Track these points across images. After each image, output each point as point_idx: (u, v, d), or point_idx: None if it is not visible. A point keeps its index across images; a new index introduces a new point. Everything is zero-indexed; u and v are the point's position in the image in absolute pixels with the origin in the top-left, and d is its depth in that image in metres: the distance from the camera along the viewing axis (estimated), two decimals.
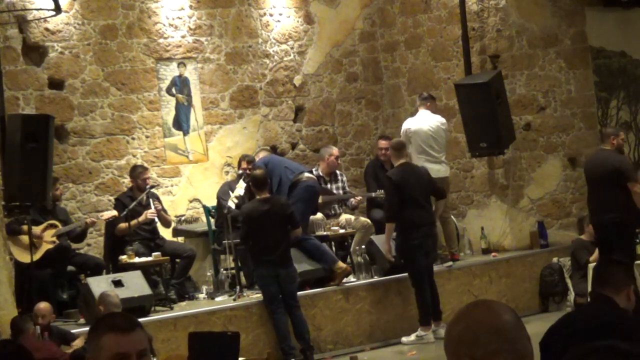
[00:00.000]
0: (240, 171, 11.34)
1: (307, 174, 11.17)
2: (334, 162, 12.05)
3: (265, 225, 9.99)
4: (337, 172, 12.35)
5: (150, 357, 3.03)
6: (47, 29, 11.54)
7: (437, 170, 11.62)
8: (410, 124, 11.75)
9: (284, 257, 10.08)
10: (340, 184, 12.21)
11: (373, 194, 11.89)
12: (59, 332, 8.99)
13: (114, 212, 10.74)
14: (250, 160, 11.46)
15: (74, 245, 10.90)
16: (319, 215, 11.60)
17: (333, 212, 12.08)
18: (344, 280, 10.84)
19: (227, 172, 12.44)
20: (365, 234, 11.55)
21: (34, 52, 11.51)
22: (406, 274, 10.69)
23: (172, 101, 12.33)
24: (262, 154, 11.62)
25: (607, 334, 3.91)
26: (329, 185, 12.07)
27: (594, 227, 10.64)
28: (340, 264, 10.78)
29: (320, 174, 11.96)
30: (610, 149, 10.52)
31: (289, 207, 10.25)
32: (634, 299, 4.65)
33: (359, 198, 12.10)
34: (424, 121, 11.73)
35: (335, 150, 12.18)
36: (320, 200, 11.65)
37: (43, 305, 8.87)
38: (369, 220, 11.71)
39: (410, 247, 10.38)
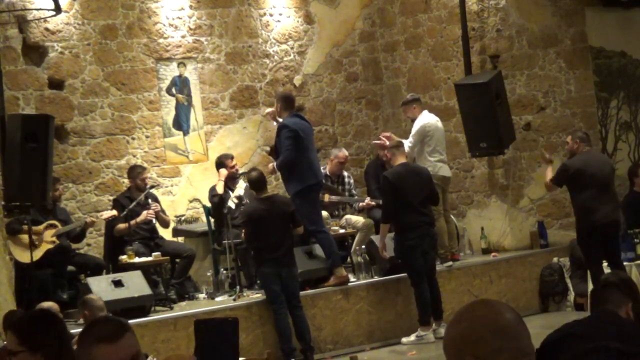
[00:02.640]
0: (240, 171, 11.34)
1: None
2: (336, 164, 12.06)
3: (267, 224, 9.98)
4: (345, 173, 12.36)
5: (143, 357, 3.01)
6: (47, 29, 11.54)
7: (447, 170, 11.66)
8: (427, 120, 11.53)
9: (287, 256, 10.08)
10: (346, 187, 12.21)
11: (381, 202, 11.82)
12: None
13: (114, 212, 10.73)
14: (232, 156, 11.48)
15: (73, 245, 10.90)
16: (325, 213, 11.59)
17: (337, 212, 12.09)
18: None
19: None
20: (368, 233, 11.56)
21: (34, 52, 11.52)
22: (406, 274, 10.70)
23: (172, 101, 12.33)
24: (286, 108, 10.74)
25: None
26: (335, 186, 12.07)
27: (601, 226, 10.40)
28: (342, 271, 10.76)
29: (327, 173, 11.99)
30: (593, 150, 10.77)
31: (290, 205, 10.24)
32: (632, 316, 4.69)
33: (364, 203, 12.06)
34: (436, 123, 11.67)
35: (341, 154, 12.14)
36: (327, 198, 11.66)
37: (55, 308, 8.76)
38: (371, 220, 11.70)
39: (406, 248, 10.39)
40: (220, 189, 11.08)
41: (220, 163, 11.49)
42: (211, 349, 5.40)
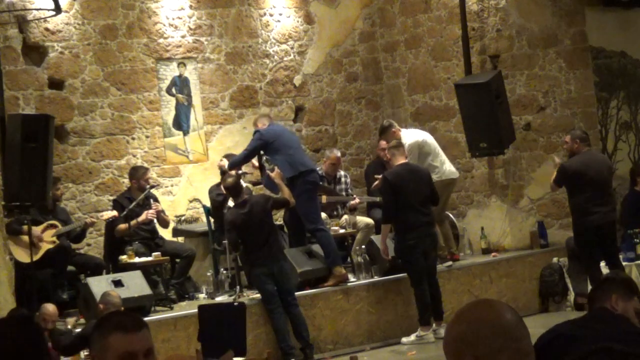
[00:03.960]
0: (240, 171, 11.33)
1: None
2: (329, 165, 12.03)
3: (250, 227, 10.07)
4: (342, 172, 12.34)
5: (156, 356, 3.02)
6: (47, 29, 11.54)
7: (453, 171, 11.69)
8: (415, 137, 11.49)
9: (275, 253, 10.14)
10: (343, 186, 12.19)
11: (377, 199, 11.82)
12: (58, 332, 8.98)
13: (114, 213, 10.73)
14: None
15: (73, 246, 10.89)
16: (324, 214, 11.58)
17: (336, 213, 12.08)
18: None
19: None
20: (368, 233, 11.56)
21: (34, 52, 11.51)
22: (406, 274, 10.70)
23: (172, 101, 12.33)
24: (263, 122, 11.16)
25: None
26: (331, 186, 12.06)
27: (598, 228, 10.42)
28: (341, 269, 10.75)
29: (323, 174, 11.98)
30: (591, 150, 10.83)
31: (268, 201, 10.34)
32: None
33: (357, 200, 12.04)
34: (420, 133, 11.71)
35: (333, 155, 12.10)
36: (324, 200, 11.65)
37: (52, 309, 8.79)
38: (371, 220, 11.69)
39: (406, 248, 10.39)
40: (232, 204, 11.04)
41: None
42: (216, 334, 5.34)
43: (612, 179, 10.77)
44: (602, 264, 10.58)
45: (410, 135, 11.51)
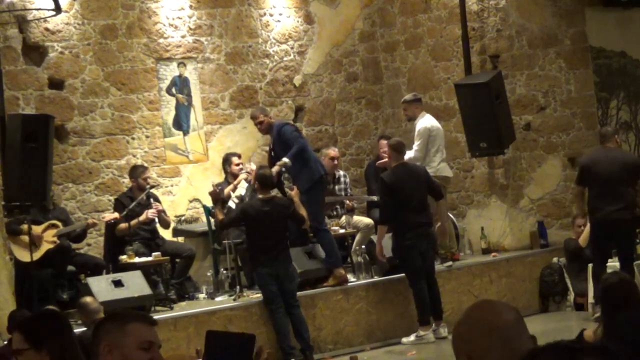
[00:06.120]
0: (244, 172, 11.33)
1: None
2: (328, 162, 12.01)
3: (264, 225, 10.01)
4: (341, 172, 12.34)
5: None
6: (47, 29, 11.54)
7: (448, 170, 11.69)
8: (429, 122, 11.55)
9: (282, 256, 10.11)
10: (342, 186, 12.19)
11: (375, 198, 11.81)
12: None
13: (116, 215, 10.70)
14: (239, 155, 11.58)
15: (73, 245, 10.90)
16: None
17: (335, 213, 12.07)
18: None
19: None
20: (368, 233, 11.56)
21: (34, 52, 11.52)
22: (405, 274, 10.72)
23: (172, 101, 12.33)
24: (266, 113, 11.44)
25: None
26: (330, 186, 12.06)
27: (605, 225, 10.35)
28: (341, 271, 10.75)
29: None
30: (615, 147, 10.59)
31: (289, 207, 10.26)
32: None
33: (350, 202, 12.05)
34: (435, 122, 11.71)
35: (331, 152, 12.12)
36: (325, 200, 11.65)
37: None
38: (371, 221, 11.69)
39: (404, 248, 10.39)
40: (226, 191, 11.05)
41: (227, 160, 11.52)
42: None
43: (626, 176, 10.42)
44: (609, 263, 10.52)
45: (427, 119, 11.56)
